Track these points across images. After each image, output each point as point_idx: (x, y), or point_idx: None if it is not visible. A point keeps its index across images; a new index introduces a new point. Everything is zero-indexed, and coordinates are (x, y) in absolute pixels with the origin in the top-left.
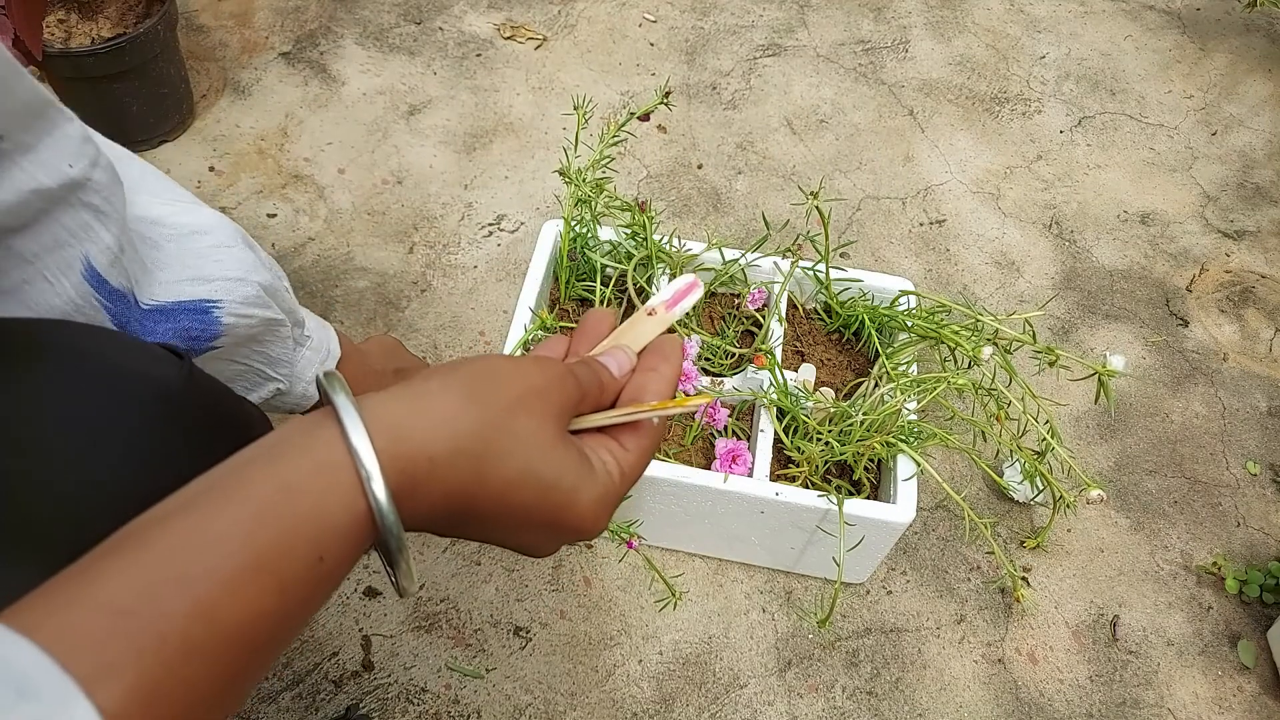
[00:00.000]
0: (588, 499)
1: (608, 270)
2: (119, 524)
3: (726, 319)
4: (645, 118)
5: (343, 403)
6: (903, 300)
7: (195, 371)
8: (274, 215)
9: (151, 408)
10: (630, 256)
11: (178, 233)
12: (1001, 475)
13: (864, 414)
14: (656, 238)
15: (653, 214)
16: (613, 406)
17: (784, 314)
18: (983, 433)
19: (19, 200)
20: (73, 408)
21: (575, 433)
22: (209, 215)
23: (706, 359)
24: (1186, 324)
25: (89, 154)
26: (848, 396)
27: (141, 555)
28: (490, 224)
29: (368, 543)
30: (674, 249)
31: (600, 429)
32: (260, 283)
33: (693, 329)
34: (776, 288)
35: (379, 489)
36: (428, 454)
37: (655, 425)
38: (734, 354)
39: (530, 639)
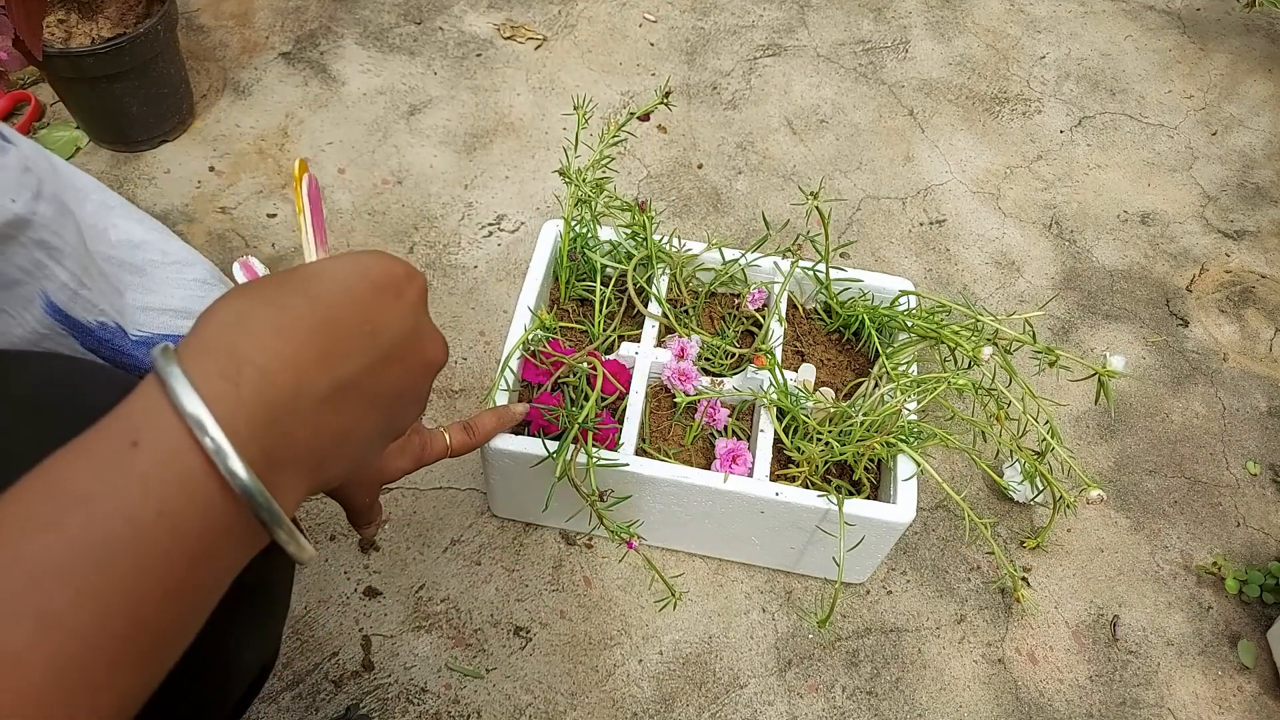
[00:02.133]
0: (416, 286)
1: (608, 270)
2: None
3: (726, 319)
4: (645, 118)
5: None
6: (903, 300)
7: None
8: (274, 215)
9: None
10: (630, 256)
11: (163, 260)
12: (1001, 475)
13: (864, 414)
14: (656, 238)
15: (653, 214)
16: None
17: (784, 314)
18: (983, 433)
19: None
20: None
21: None
22: (185, 247)
23: (706, 359)
24: (1186, 324)
25: (30, 185)
26: (848, 396)
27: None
28: (490, 224)
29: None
30: (674, 249)
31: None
32: None
33: (693, 329)
34: (776, 288)
35: (236, 465)
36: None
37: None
38: (734, 354)
39: (530, 639)
